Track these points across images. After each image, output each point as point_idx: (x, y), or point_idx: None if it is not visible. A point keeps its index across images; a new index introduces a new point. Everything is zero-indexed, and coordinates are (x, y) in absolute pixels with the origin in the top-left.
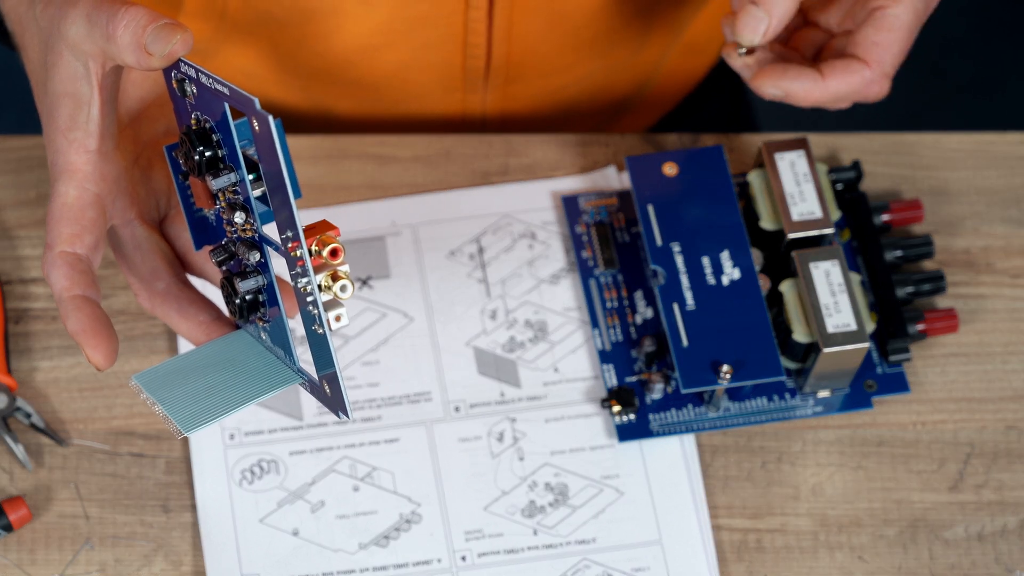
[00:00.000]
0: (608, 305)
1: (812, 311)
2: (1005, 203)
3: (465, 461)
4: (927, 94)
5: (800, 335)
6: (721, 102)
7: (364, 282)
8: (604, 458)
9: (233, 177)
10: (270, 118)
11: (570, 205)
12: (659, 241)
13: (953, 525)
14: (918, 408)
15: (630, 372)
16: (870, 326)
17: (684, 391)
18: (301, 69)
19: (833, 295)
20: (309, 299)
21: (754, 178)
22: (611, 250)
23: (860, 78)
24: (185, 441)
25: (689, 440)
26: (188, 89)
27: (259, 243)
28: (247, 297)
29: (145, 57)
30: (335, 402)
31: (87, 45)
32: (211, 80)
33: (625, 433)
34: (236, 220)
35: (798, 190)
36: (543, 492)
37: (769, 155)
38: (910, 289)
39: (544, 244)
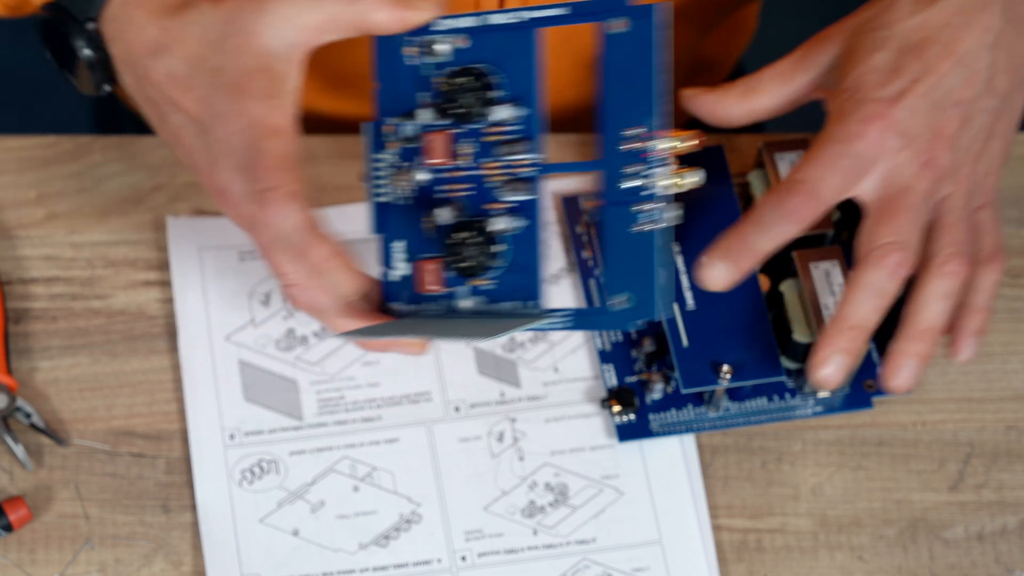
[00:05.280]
0: None
1: (812, 311)
2: (1005, 203)
3: (465, 461)
4: None
5: (800, 335)
6: None
7: None
8: (604, 458)
9: (512, 111)
10: (654, 7)
11: (570, 205)
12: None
13: (953, 525)
14: (918, 408)
15: (630, 372)
16: None
17: (684, 391)
18: (329, 74)
19: (833, 295)
20: (654, 193)
21: (754, 178)
22: None
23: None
24: (185, 441)
25: (689, 440)
26: (443, 48)
27: (533, 179)
28: (489, 244)
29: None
30: (657, 301)
31: (295, 31)
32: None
33: (625, 433)
34: (512, 157)
35: None
36: (543, 492)
37: (769, 155)
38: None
39: (544, 244)
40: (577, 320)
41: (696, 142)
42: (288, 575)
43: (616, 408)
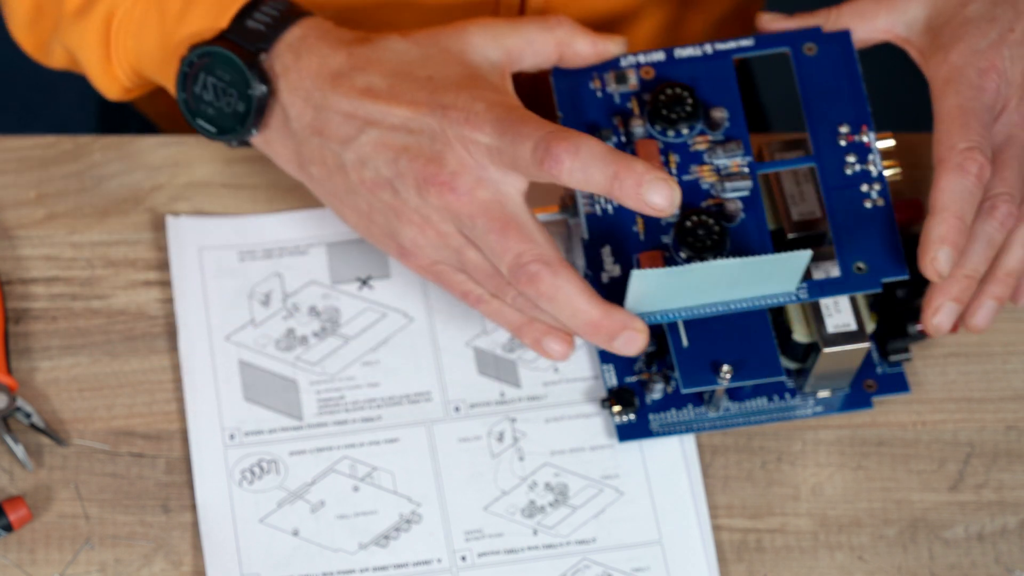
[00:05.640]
0: None
1: (812, 311)
2: None
3: (465, 461)
4: (927, 94)
5: (800, 335)
6: None
7: (364, 282)
8: (604, 458)
9: (723, 114)
10: (848, 33)
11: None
12: None
13: (953, 525)
14: (918, 408)
15: (630, 372)
16: (870, 326)
17: (684, 391)
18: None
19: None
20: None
21: None
22: None
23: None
24: (185, 441)
25: (689, 440)
26: (631, 77)
27: (751, 172)
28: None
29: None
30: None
31: (499, 50)
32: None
33: (625, 433)
34: (727, 159)
35: (798, 190)
36: (543, 492)
37: (770, 155)
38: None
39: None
40: (811, 289)
41: (893, 143)
42: (288, 575)
43: (616, 408)
